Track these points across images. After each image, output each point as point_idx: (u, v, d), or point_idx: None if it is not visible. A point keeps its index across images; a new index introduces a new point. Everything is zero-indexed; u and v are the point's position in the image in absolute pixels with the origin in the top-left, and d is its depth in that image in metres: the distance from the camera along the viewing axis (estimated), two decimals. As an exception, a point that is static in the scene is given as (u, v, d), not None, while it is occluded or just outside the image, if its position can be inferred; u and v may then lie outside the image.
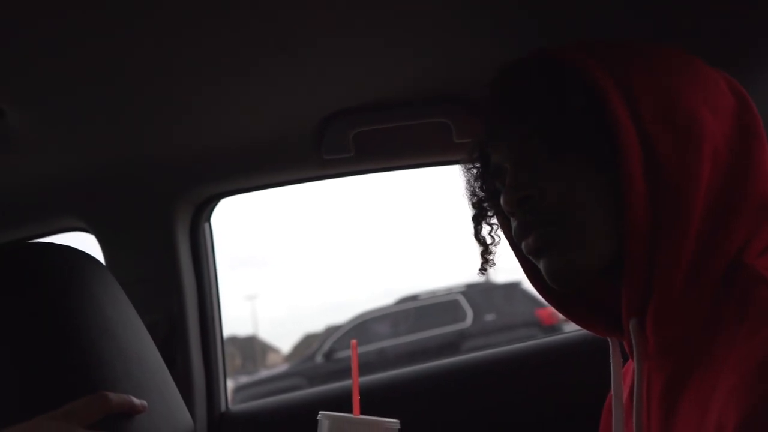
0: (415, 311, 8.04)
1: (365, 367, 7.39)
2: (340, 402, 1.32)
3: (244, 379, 18.97)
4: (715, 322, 0.59)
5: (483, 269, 0.84)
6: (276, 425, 1.36)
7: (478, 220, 0.82)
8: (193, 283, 1.32)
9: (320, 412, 0.94)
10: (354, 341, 1.06)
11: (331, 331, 10.00)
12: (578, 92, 0.67)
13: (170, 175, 1.20)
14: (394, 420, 0.92)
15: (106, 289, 0.82)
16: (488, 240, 0.81)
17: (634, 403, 0.65)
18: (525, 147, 0.71)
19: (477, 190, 0.81)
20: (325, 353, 7.88)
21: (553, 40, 0.80)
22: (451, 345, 7.33)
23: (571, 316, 0.77)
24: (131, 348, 0.83)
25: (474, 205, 0.82)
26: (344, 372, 7.39)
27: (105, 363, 0.71)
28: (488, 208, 0.81)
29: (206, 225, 1.37)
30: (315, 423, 0.85)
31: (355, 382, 1.02)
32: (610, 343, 0.78)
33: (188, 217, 1.30)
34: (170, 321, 1.26)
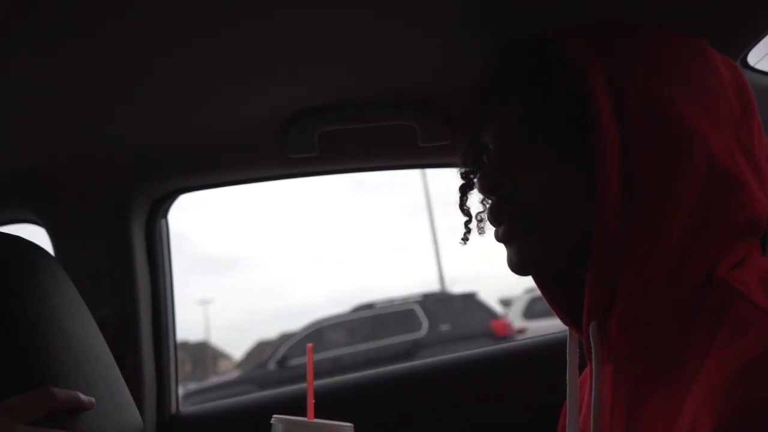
0: (371, 320, 8.03)
1: (320, 374, 7.36)
2: (293, 405, 1.29)
3: (193, 386, 18.66)
4: (688, 331, 0.58)
5: (465, 238, 0.83)
6: (227, 428, 1.33)
7: (464, 190, 0.82)
8: (147, 281, 1.28)
9: (274, 415, 0.93)
10: (310, 345, 1.05)
11: (285, 338, 9.88)
12: (565, 83, 0.65)
13: (127, 168, 1.17)
14: (348, 424, 0.92)
15: (56, 281, 0.79)
16: (472, 211, 0.81)
17: (592, 406, 0.64)
18: (506, 131, 0.70)
19: (467, 160, 0.81)
20: (278, 360, 7.78)
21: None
22: (406, 354, 7.33)
23: (546, 293, 0.76)
24: (80, 342, 0.80)
25: (462, 175, 0.82)
26: (298, 379, 7.31)
27: (52, 356, 0.68)
28: (474, 179, 0.81)
29: (163, 221, 1.33)
30: (268, 426, 0.83)
31: (310, 385, 1.01)
32: (569, 334, 0.77)
33: (144, 212, 1.26)
34: (122, 318, 1.22)
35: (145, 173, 1.19)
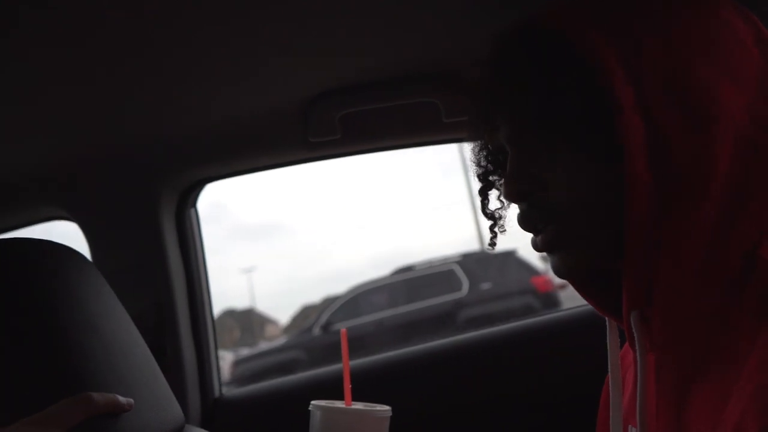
0: (412, 282, 8.06)
1: (363, 339, 7.39)
2: (334, 386, 1.30)
3: (244, 351, 19.15)
4: (733, 317, 0.55)
5: (492, 243, 0.80)
6: (270, 409, 1.36)
7: (485, 192, 0.78)
8: (181, 270, 1.29)
9: (312, 402, 0.93)
10: (344, 330, 1.04)
11: (328, 302, 10.03)
12: (579, 73, 0.62)
13: (153, 162, 1.17)
14: (386, 407, 0.91)
15: (89, 282, 0.80)
16: (497, 213, 0.78)
17: (638, 395, 0.62)
18: (523, 132, 0.67)
19: (482, 161, 0.77)
20: (322, 325, 7.90)
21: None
22: (447, 315, 7.36)
23: (579, 287, 0.74)
24: (116, 341, 0.81)
25: (480, 177, 0.78)
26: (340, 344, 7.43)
27: (88, 357, 0.69)
28: (495, 180, 0.77)
29: (192, 210, 1.34)
30: (309, 407, 0.85)
31: (346, 370, 1.01)
32: (608, 325, 0.75)
33: (173, 203, 1.27)
34: (159, 309, 1.24)
35: (171, 165, 1.19)
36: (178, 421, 0.91)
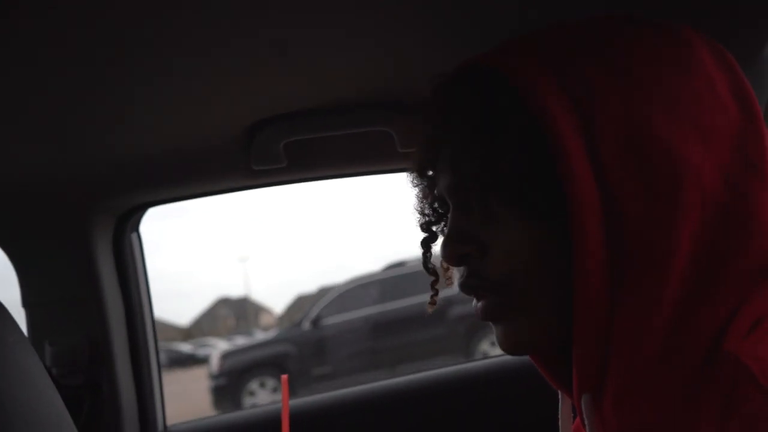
0: (403, 278, 7.99)
1: (354, 332, 7.34)
2: (306, 417, 1.23)
3: (239, 340, 19.26)
4: (692, 416, 0.47)
5: (432, 302, 0.72)
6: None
7: (427, 245, 0.70)
8: (119, 300, 1.20)
9: None
10: (285, 376, 0.97)
11: (323, 292, 9.93)
12: (519, 119, 0.53)
13: (84, 186, 1.07)
14: None
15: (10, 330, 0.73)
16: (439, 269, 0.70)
17: None
18: (461, 186, 0.58)
19: (426, 209, 0.69)
20: (312, 320, 7.83)
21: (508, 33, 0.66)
22: (437, 311, 7.29)
23: (536, 360, 0.66)
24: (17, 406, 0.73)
25: (423, 227, 0.70)
26: (330, 339, 7.38)
27: None
28: (438, 232, 0.69)
29: (133, 235, 1.24)
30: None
31: (285, 419, 0.93)
32: (560, 399, 0.67)
33: (110, 229, 1.17)
34: (93, 344, 1.15)
35: (105, 189, 1.09)
36: None
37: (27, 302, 1.15)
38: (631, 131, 0.49)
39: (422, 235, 0.71)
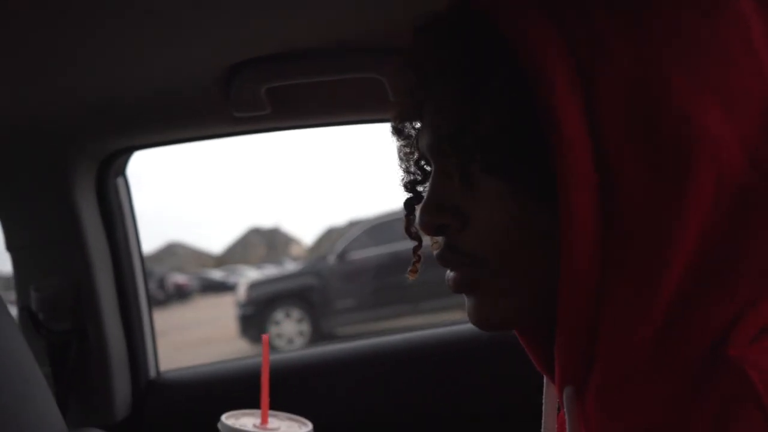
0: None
1: (380, 268, 7.39)
2: (278, 375, 1.21)
3: (270, 269, 19.69)
4: (684, 416, 0.41)
5: (414, 270, 0.66)
6: (209, 392, 1.26)
7: (410, 207, 0.62)
8: (105, 245, 1.16)
9: (222, 419, 0.84)
10: (265, 336, 0.93)
11: (353, 224, 9.93)
12: (507, 74, 0.45)
13: (63, 130, 1.02)
14: (306, 426, 0.82)
15: None
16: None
17: None
18: (442, 149, 0.51)
19: (411, 166, 0.61)
20: (338, 254, 7.89)
21: None
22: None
23: (522, 337, 0.59)
24: None
25: (406, 187, 0.62)
26: (355, 273, 7.44)
27: None
28: (424, 193, 0.62)
29: (119, 179, 1.19)
30: (251, 392, 0.81)
31: (265, 382, 0.90)
32: (545, 384, 0.61)
33: (92, 173, 1.12)
34: (76, 289, 1.12)
35: (84, 133, 1.04)
36: None
37: (10, 245, 1.13)
38: (640, 94, 0.41)
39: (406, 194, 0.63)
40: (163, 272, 19.97)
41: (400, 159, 0.62)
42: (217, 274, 22.49)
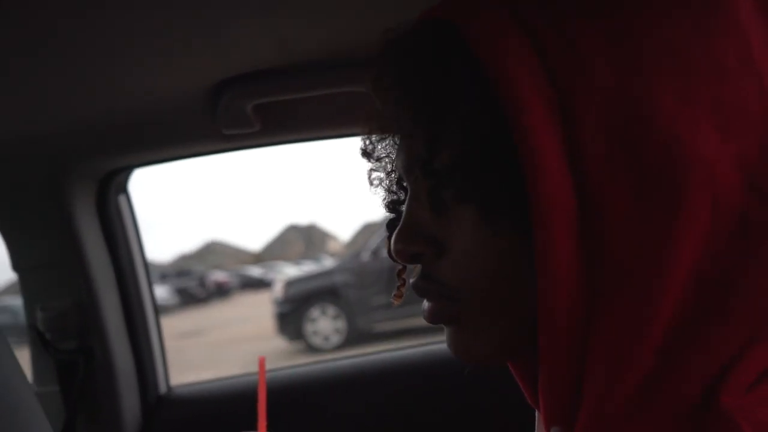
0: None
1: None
2: (282, 391, 1.21)
3: (307, 265, 19.84)
4: None
5: (399, 295, 0.62)
6: (220, 408, 1.25)
7: (393, 227, 0.58)
8: (108, 263, 1.16)
9: None
10: (262, 357, 0.91)
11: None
12: (476, 93, 0.41)
13: (58, 152, 1.02)
14: None
15: None
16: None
17: None
18: (414, 170, 0.48)
19: (393, 185, 0.58)
20: (372, 250, 7.88)
21: None
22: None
23: (513, 367, 0.56)
24: None
25: (388, 207, 0.59)
26: (389, 269, 7.42)
27: None
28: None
29: (121, 197, 1.19)
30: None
31: (262, 403, 0.88)
32: (537, 419, 0.58)
33: (92, 193, 1.12)
34: (80, 309, 1.12)
35: (77, 154, 1.04)
36: None
37: (16, 266, 1.13)
38: (623, 113, 0.37)
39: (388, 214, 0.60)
40: (203, 271, 20.30)
41: (377, 180, 0.59)
42: (256, 271, 22.77)
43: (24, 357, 1.21)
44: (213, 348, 8.60)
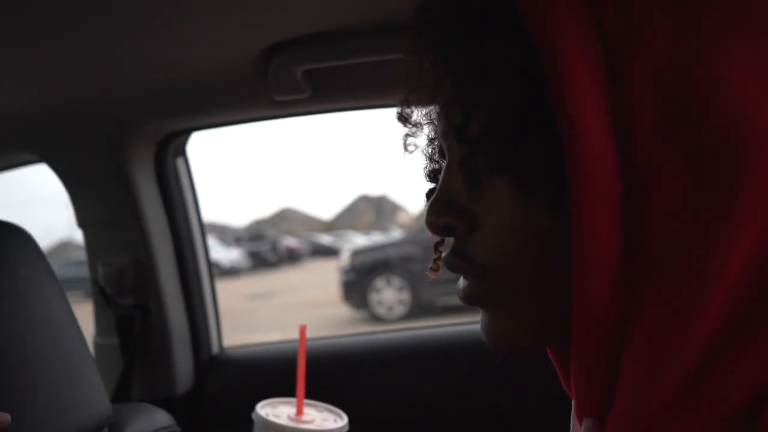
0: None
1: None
2: (327, 357, 1.21)
3: (377, 236, 20.04)
4: None
5: (435, 268, 0.61)
6: (270, 368, 1.28)
7: (432, 197, 0.58)
8: (165, 224, 1.19)
9: (256, 409, 0.84)
10: (303, 325, 0.92)
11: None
12: (519, 54, 0.38)
13: (117, 115, 1.05)
14: (341, 421, 0.81)
15: (26, 262, 0.77)
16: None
17: None
18: (452, 140, 0.45)
19: (435, 154, 0.55)
20: (440, 224, 7.86)
21: None
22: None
23: (552, 353, 0.52)
24: (36, 333, 0.76)
25: (430, 176, 0.56)
26: (456, 244, 7.38)
27: None
28: None
29: (179, 160, 1.21)
30: (310, 373, 0.81)
31: (301, 373, 0.89)
32: (573, 405, 0.55)
33: (150, 154, 1.15)
34: (137, 266, 1.16)
35: (138, 117, 1.06)
36: (103, 416, 0.84)
37: (80, 223, 1.18)
38: (681, 80, 0.33)
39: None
40: (275, 236, 20.83)
41: (414, 146, 0.56)
42: (326, 239, 23.17)
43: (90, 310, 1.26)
44: (281, 311, 8.85)
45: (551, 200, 0.38)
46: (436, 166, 0.56)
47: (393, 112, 0.54)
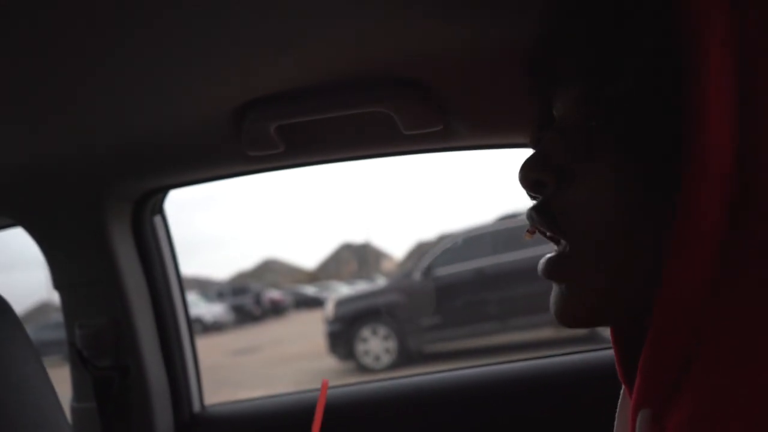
0: (515, 230, 7.75)
1: (464, 284, 7.33)
2: (340, 408, 1.19)
3: (361, 284, 19.95)
4: None
5: (532, 231, 0.55)
6: (253, 427, 1.25)
7: None
8: (143, 282, 1.18)
9: None
10: (325, 381, 0.91)
11: (442, 238, 9.86)
12: (654, 25, 0.39)
13: (93, 174, 1.05)
14: None
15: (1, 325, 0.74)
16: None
17: None
18: (568, 104, 0.47)
19: (544, 122, 0.57)
20: (423, 270, 7.84)
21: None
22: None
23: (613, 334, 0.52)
24: (11, 395, 0.74)
25: (534, 143, 0.57)
26: (441, 289, 7.36)
27: None
28: None
29: (156, 218, 1.21)
30: (296, 428, 0.76)
31: (318, 421, 0.88)
32: (621, 396, 0.54)
33: (127, 213, 1.15)
34: (115, 327, 1.15)
35: (114, 176, 1.06)
36: None
37: (56, 284, 1.17)
38: None
39: None
40: (258, 289, 20.63)
41: (539, 119, 0.57)
42: (310, 290, 22.98)
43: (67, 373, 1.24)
44: (266, 365, 8.70)
45: (657, 179, 0.39)
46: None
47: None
